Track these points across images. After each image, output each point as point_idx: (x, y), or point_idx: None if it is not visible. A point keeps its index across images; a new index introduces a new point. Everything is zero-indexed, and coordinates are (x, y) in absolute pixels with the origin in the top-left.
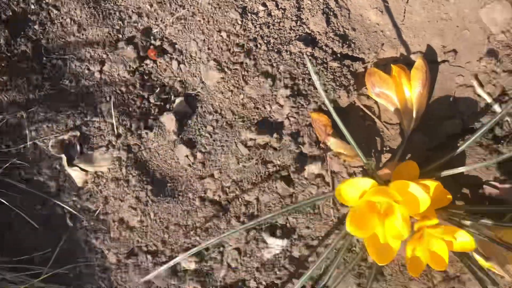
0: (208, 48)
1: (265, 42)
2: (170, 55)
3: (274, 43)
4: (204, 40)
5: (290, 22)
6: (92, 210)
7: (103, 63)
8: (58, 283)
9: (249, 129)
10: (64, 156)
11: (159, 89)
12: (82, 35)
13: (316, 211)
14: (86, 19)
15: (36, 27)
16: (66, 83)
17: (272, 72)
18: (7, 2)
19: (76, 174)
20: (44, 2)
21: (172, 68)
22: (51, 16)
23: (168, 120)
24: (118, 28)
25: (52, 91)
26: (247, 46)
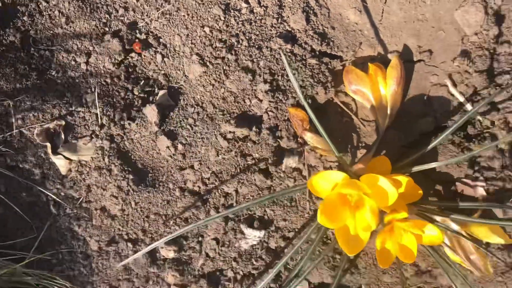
0: (192, 43)
1: (246, 38)
2: (155, 49)
3: (255, 39)
4: (187, 35)
5: (271, 20)
6: (76, 198)
7: (89, 55)
8: (41, 268)
9: (228, 122)
10: (48, 145)
11: (143, 81)
12: (70, 27)
13: (293, 204)
14: (74, 11)
15: (25, 18)
16: (53, 74)
17: (253, 67)
18: None
19: (60, 163)
20: None
21: (156, 61)
22: (40, 8)
23: (151, 111)
24: (104, 21)
25: (39, 81)
26: (229, 41)
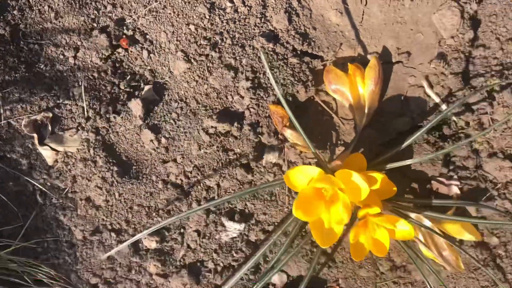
0: (177, 40)
1: (230, 36)
2: (141, 45)
3: (239, 38)
4: (173, 32)
5: (255, 19)
6: (61, 188)
7: (77, 49)
8: (26, 256)
9: (211, 117)
10: (35, 135)
11: (129, 76)
12: (59, 22)
13: (272, 199)
14: (63, 7)
15: (15, 12)
16: (42, 67)
17: (235, 65)
18: None
19: (46, 153)
20: None
21: (142, 57)
22: (30, 2)
23: (135, 105)
24: (93, 17)
25: (27, 74)
26: (214, 39)
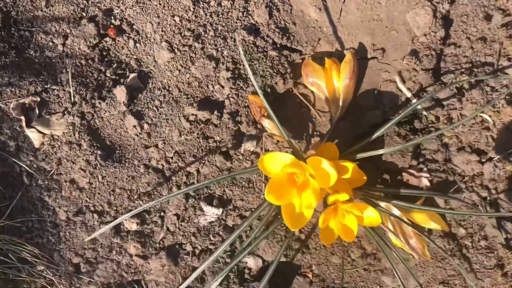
0: (162, 30)
1: (213, 28)
2: (128, 35)
3: (221, 30)
4: (159, 23)
5: (237, 13)
6: (47, 170)
7: (66, 37)
8: (11, 234)
9: (191, 105)
10: (23, 118)
11: (116, 64)
12: (49, 10)
13: (250, 185)
14: None
15: (7, 0)
16: (31, 53)
17: (217, 56)
18: None
19: (33, 136)
20: None
21: (129, 46)
22: None
23: (120, 92)
24: (82, 6)
25: (17, 59)
26: (197, 31)
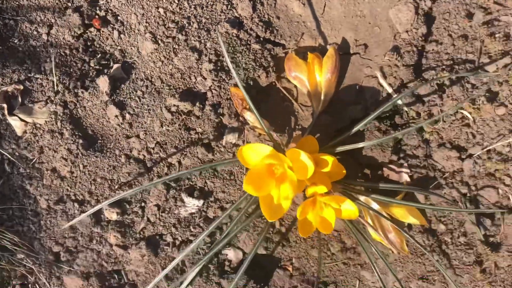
0: (146, 22)
1: (197, 21)
2: (113, 26)
3: (205, 22)
4: (143, 14)
5: (221, 6)
6: (29, 158)
7: (51, 26)
8: None
9: (173, 96)
10: (5, 106)
11: (100, 55)
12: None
13: (231, 178)
14: None
15: None
16: (16, 42)
17: (200, 47)
18: None
19: (16, 124)
20: None
21: (113, 37)
22: None
23: (103, 82)
24: None
25: (1, 47)
26: (181, 23)
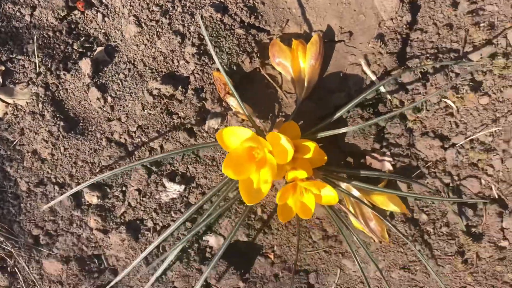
0: (130, 5)
1: (181, 4)
2: (97, 9)
3: (189, 6)
4: None
5: None
6: (10, 140)
7: (34, 8)
8: None
9: (155, 79)
10: None
11: (83, 38)
12: None
13: (214, 164)
14: None
15: None
16: None
17: (183, 31)
18: None
19: None
20: None
21: (97, 20)
22: None
23: (85, 64)
24: None
25: None
26: (165, 6)
